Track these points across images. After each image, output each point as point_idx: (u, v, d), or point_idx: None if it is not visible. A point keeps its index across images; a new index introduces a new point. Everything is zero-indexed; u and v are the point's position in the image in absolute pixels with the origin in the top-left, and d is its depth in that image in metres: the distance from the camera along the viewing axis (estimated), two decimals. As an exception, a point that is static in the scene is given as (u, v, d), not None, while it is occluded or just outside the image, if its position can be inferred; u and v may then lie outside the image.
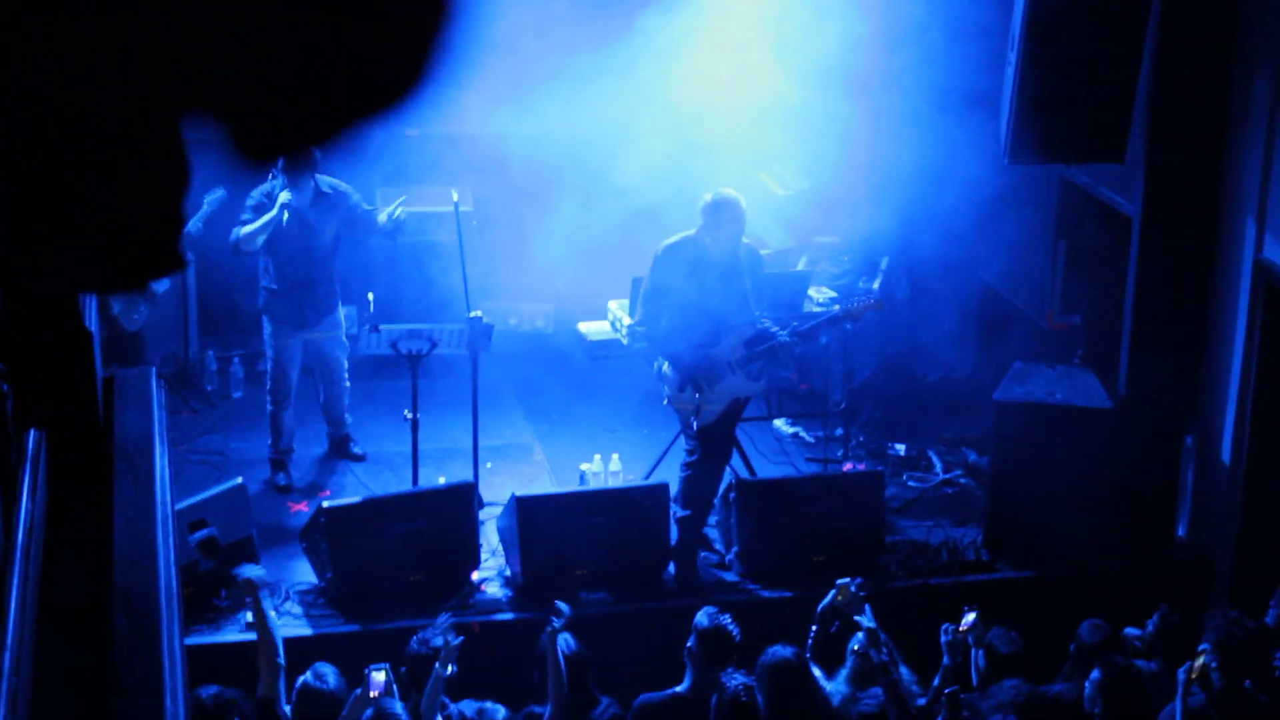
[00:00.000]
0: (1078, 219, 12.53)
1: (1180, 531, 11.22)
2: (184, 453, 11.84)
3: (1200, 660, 8.13)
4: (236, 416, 12.73)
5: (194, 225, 11.61)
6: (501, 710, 8.23)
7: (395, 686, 8.15)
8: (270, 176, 11.15)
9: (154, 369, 5.98)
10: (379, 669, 8.11)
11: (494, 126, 13.13)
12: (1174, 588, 10.08)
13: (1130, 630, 9.29)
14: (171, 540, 8.24)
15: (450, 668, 8.27)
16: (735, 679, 8.11)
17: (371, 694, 7.98)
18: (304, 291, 11.34)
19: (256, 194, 11.19)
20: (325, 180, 11.28)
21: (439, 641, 8.51)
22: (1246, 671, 8.27)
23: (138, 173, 1.75)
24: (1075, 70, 9.99)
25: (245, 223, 11.12)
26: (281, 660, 8.15)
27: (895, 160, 11.64)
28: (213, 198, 11.76)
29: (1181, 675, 8.18)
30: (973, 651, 8.74)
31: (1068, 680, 8.88)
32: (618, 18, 11.82)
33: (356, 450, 12.07)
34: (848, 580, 8.91)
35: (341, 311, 11.77)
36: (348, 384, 11.92)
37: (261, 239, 11.10)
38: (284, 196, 11.01)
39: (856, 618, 8.60)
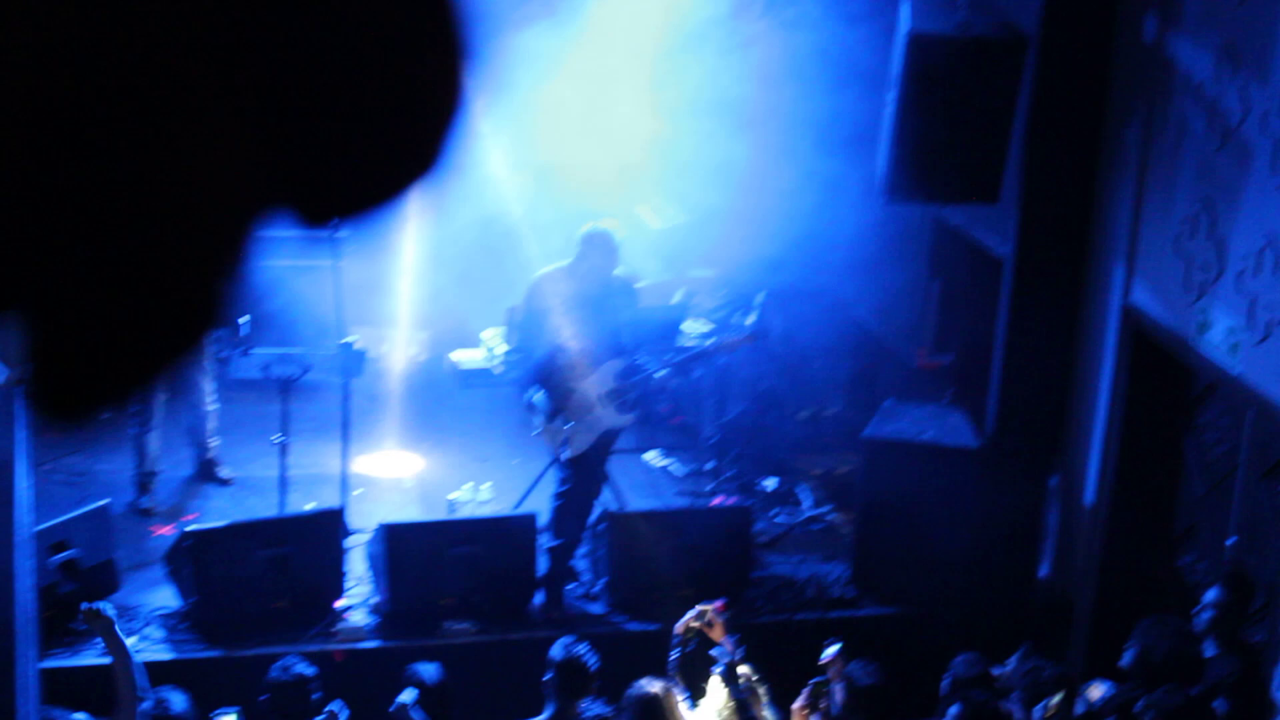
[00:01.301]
0: (952, 260, 12.66)
1: (1043, 571, 11.33)
2: (47, 472, 11.66)
3: (1056, 699, 8.20)
4: (103, 437, 12.55)
5: None
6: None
7: None
8: None
9: (18, 387, 5.89)
10: (226, 713, 8.02)
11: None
12: (1035, 626, 10.18)
13: (994, 669, 9.35)
14: (31, 563, 8.11)
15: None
16: (593, 710, 8.07)
17: None
18: None
19: None
20: None
21: (304, 670, 8.44)
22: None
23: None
24: (952, 113, 10.09)
25: None
26: (143, 692, 8.00)
27: (773, 196, 11.70)
28: None
29: (1038, 715, 8.25)
30: (833, 684, 8.75)
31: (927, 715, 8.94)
32: (492, 37, 11.78)
33: (223, 474, 11.95)
34: (709, 604, 8.95)
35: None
36: (213, 407, 11.80)
37: None
38: None
39: (714, 650, 8.57)
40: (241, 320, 11.48)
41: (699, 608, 8.98)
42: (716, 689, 8.57)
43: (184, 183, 1.64)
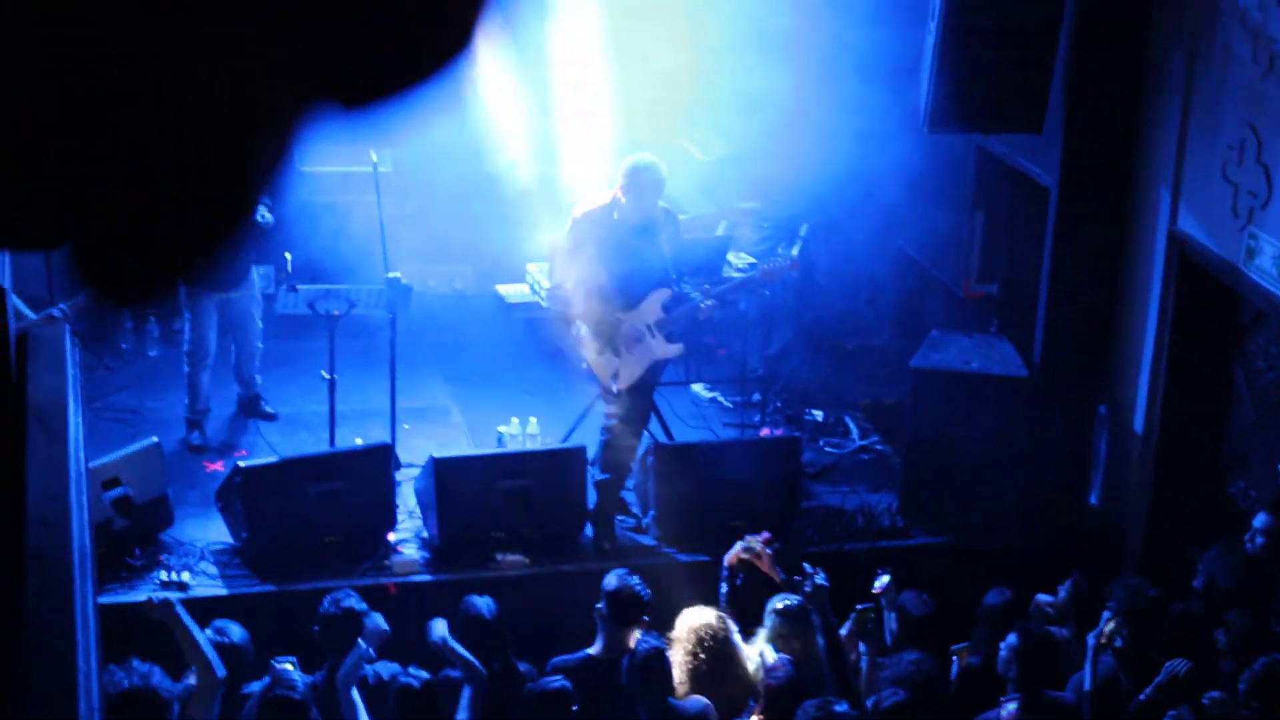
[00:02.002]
0: (995, 188, 12.60)
1: (1093, 499, 11.33)
2: (99, 410, 11.75)
3: (1109, 626, 8.23)
4: (151, 374, 12.63)
5: None
6: (421, 674, 8.24)
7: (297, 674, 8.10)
8: None
9: (68, 326, 5.94)
10: (285, 661, 8.08)
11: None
12: (1086, 555, 10.19)
13: (1042, 597, 9.38)
14: (86, 499, 8.17)
15: (372, 651, 8.28)
16: (646, 642, 8.13)
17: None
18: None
19: None
20: None
21: (355, 605, 8.50)
22: (1150, 637, 8.37)
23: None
24: (994, 41, 10.05)
25: None
26: (219, 671, 7.98)
27: (816, 127, 11.67)
28: None
29: (1091, 641, 8.28)
30: (885, 614, 8.79)
31: (974, 646, 8.97)
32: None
33: (268, 409, 12.02)
34: (756, 537, 9.00)
35: (256, 273, 11.71)
36: (260, 345, 11.87)
37: None
38: None
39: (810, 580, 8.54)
40: (287, 256, 11.53)
41: (746, 540, 9.03)
42: (773, 614, 8.60)
43: (222, 73, 1.67)
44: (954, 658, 8.80)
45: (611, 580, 8.75)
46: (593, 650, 8.66)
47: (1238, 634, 8.34)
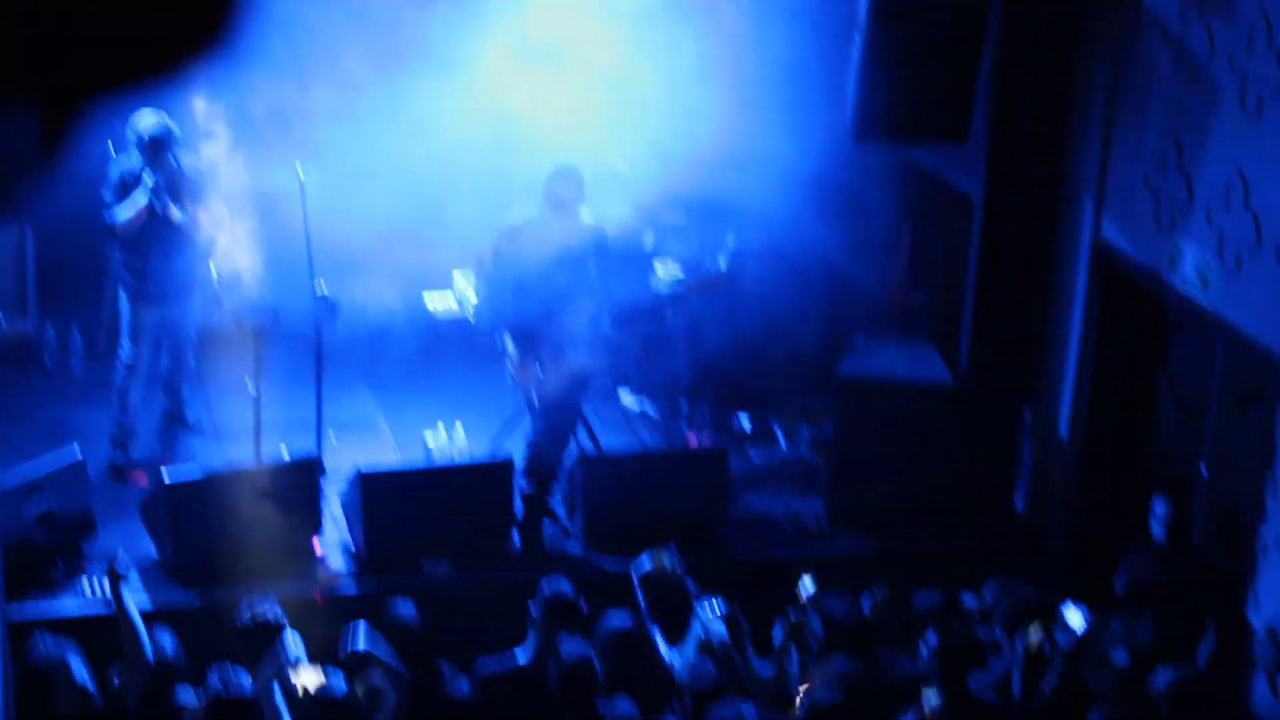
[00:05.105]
0: (923, 198, 12.67)
1: (1018, 503, 11.39)
2: (23, 423, 11.66)
3: (1034, 634, 8.25)
4: (77, 389, 12.53)
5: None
6: (341, 678, 8.16)
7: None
8: (116, 151, 10.98)
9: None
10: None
11: (327, 106, 12.98)
12: (1010, 558, 10.26)
13: (967, 599, 9.42)
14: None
15: (288, 648, 8.22)
16: (573, 648, 8.10)
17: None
18: (162, 268, 11.22)
19: (115, 174, 11.05)
20: (188, 161, 11.14)
21: (270, 613, 8.46)
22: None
23: None
24: (919, 52, 10.11)
25: (108, 204, 11.00)
26: (146, 648, 7.95)
27: (743, 139, 11.68)
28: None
29: (1019, 642, 8.31)
30: (811, 618, 8.80)
31: (904, 647, 9.01)
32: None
33: (192, 421, 11.96)
34: (659, 550, 9.03)
35: (198, 290, 11.66)
36: (193, 363, 11.83)
37: (139, 221, 11.00)
38: (149, 179, 10.90)
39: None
40: (213, 269, 11.45)
41: (648, 556, 9.05)
42: (696, 628, 8.62)
43: None
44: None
45: (546, 585, 8.75)
46: (521, 654, 8.63)
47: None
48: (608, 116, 12.59)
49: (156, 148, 10.91)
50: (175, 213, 11.06)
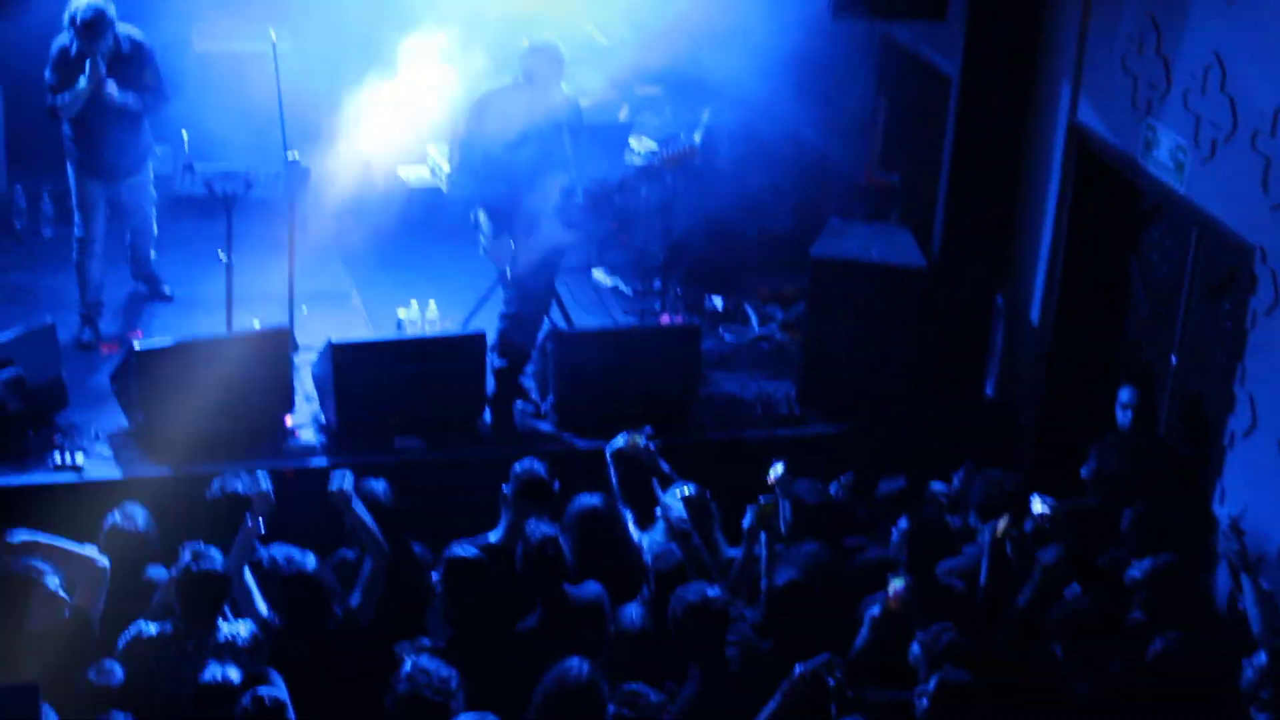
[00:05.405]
0: (899, 77, 12.61)
1: (988, 389, 11.43)
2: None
3: (1003, 521, 8.28)
4: (46, 255, 12.46)
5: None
6: (312, 557, 8.18)
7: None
8: (68, 24, 10.82)
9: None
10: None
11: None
12: (980, 444, 10.30)
13: (937, 485, 9.47)
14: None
15: (259, 521, 8.19)
16: (540, 529, 8.09)
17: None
18: (108, 147, 11.10)
19: (55, 50, 10.89)
20: (126, 35, 10.97)
21: (241, 488, 8.43)
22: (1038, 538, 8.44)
23: None
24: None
25: (49, 82, 10.86)
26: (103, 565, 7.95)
27: (721, 13, 11.58)
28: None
29: (987, 530, 8.35)
30: (780, 503, 8.83)
31: (871, 533, 9.07)
32: None
33: (165, 290, 11.91)
34: (636, 433, 9.03)
35: (150, 165, 11.54)
36: (155, 231, 11.75)
37: (79, 106, 10.87)
38: (88, 66, 10.74)
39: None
40: (184, 135, 11.36)
41: (628, 435, 9.05)
42: (665, 510, 8.63)
43: None
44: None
45: (520, 465, 8.75)
46: (493, 537, 8.65)
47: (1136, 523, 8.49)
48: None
49: (90, 31, 10.72)
50: (117, 95, 10.92)
